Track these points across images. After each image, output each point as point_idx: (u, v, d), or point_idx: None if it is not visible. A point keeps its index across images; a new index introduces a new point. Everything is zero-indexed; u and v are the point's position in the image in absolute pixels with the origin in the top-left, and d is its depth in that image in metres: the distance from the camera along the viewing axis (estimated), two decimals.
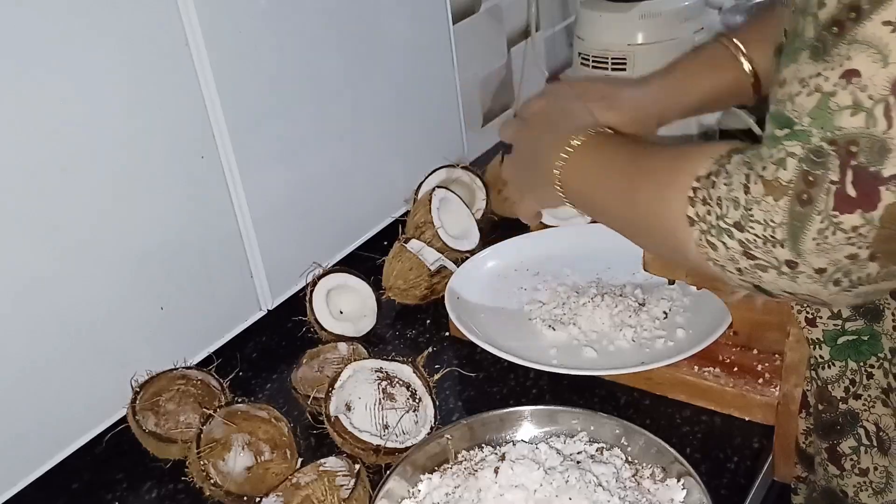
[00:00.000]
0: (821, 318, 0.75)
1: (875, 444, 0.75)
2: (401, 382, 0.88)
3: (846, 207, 0.50)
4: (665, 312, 0.98)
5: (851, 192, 0.50)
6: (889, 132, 0.48)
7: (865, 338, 0.73)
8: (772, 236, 0.53)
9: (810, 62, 0.51)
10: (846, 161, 0.49)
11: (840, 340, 0.75)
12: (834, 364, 0.76)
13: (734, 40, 0.86)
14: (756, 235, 0.54)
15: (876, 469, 0.76)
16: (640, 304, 0.99)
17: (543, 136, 0.82)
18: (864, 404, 0.75)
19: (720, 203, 0.56)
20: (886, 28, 0.48)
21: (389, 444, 0.82)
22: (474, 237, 1.16)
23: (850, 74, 0.48)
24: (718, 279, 0.60)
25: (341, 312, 1.06)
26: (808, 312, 0.76)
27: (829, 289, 0.53)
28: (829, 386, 0.77)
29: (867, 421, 0.75)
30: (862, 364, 0.74)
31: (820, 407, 0.78)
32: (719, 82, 0.87)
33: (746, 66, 0.85)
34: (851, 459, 0.77)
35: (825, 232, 0.51)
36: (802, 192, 0.51)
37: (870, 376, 0.74)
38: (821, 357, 0.76)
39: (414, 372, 0.89)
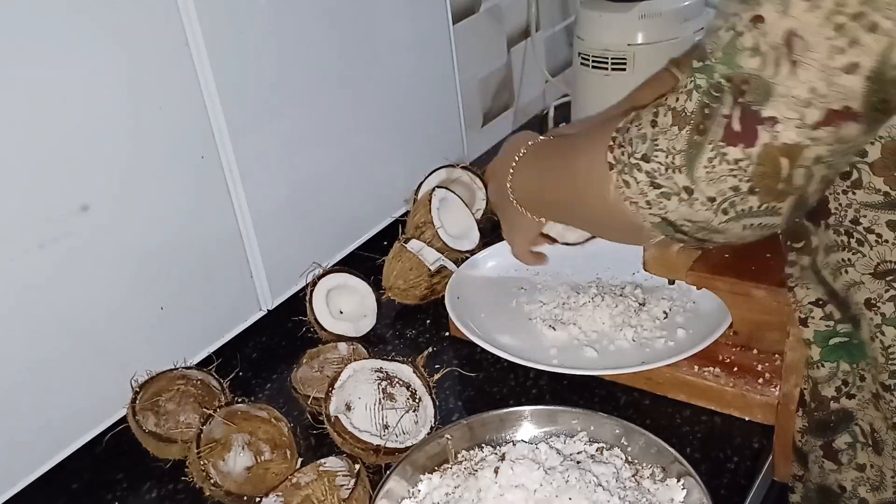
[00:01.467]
0: (813, 318, 0.75)
1: (870, 443, 0.75)
2: (401, 382, 0.88)
3: (731, 140, 0.55)
4: (665, 312, 0.98)
5: (737, 126, 0.54)
6: (774, 78, 0.52)
7: (855, 341, 0.73)
8: (672, 163, 0.58)
9: (735, 1, 0.54)
10: (736, 97, 0.54)
11: (832, 341, 0.75)
12: (824, 365, 0.76)
13: (678, 64, 0.93)
14: (660, 163, 0.59)
15: (871, 467, 0.76)
16: (640, 304, 0.99)
17: (501, 169, 0.90)
18: (858, 404, 0.75)
19: (631, 142, 0.61)
20: None
21: (389, 444, 0.82)
22: (474, 237, 1.16)
23: (757, 19, 0.53)
24: (635, 231, 0.64)
25: (341, 312, 1.06)
26: (801, 312, 0.76)
27: (720, 217, 0.58)
28: (819, 386, 0.77)
29: (862, 420, 0.75)
30: (855, 366, 0.74)
31: (812, 405, 0.78)
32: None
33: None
34: (848, 454, 0.77)
35: (714, 161, 0.56)
36: (700, 122, 0.56)
37: (862, 378, 0.74)
38: (811, 358, 0.77)
39: (414, 372, 0.89)
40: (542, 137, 0.89)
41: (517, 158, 0.86)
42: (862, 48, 0.50)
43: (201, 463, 0.80)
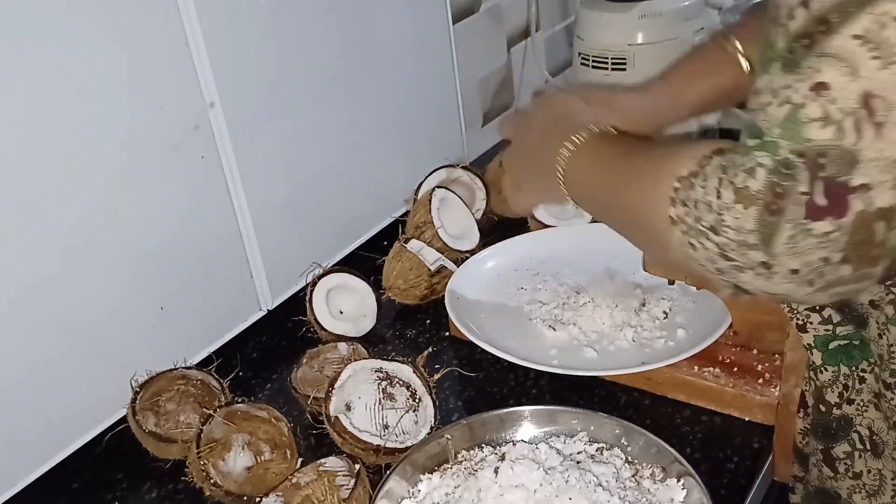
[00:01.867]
0: (811, 323, 0.75)
1: (868, 447, 0.76)
2: (401, 382, 0.88)
3: (816, 215, 0.51)
4: (665, 312, 0.98)
5: (822, 201, 0.50)
6: (858, 144, 0.49)
7: (856, 343, 0.73)
8: (745, 241, 0.54)
9: (781, 73, 0.51)
10: (815, 173, 0.50)
11: (832, 345, 0.75)
12: (827, 369, 0.76)
13: (732, 40, 0.86)
14: (730, 239, 0.54)
15: (869, 472, 0.76)
16: (640, 305, 0.99)
17: (547, 131, 0.82)
18: (857, 409, 0.75)
19: (697, 206, 0.56)
20: (855, 42, 0.48)
21: (389, 444, 0.82)
22: (474, 237, 1.16)
23: (820, 87, 0.49)
24: (705, 278, 0.61)
25: (341, 312, 1.06)
26: (798, 319, 0.76)
27: (804, 289, 0.54)
28: (825, 390, 0.77)
29: (860, 425, 0.75)
30: (854, 369, 0.74)
31: (821, 408, 0.78)
32: (718, 84, 0.87)
33: (745, 66, 0.85)
34: (845, 463, 0.78)
35: (796, 237, 0.52)
36: (771, 202, 0.52)
37: (862, 381, 0.74)
38: (813, 362, 0.77)
39: (414, 372, 0.88)
40: (582, 92, 0.84)
41: (577, 141, 0.76)
42: None
43: (201, 463, 0.80)
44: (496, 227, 1.21)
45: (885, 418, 0.73)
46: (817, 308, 0.74)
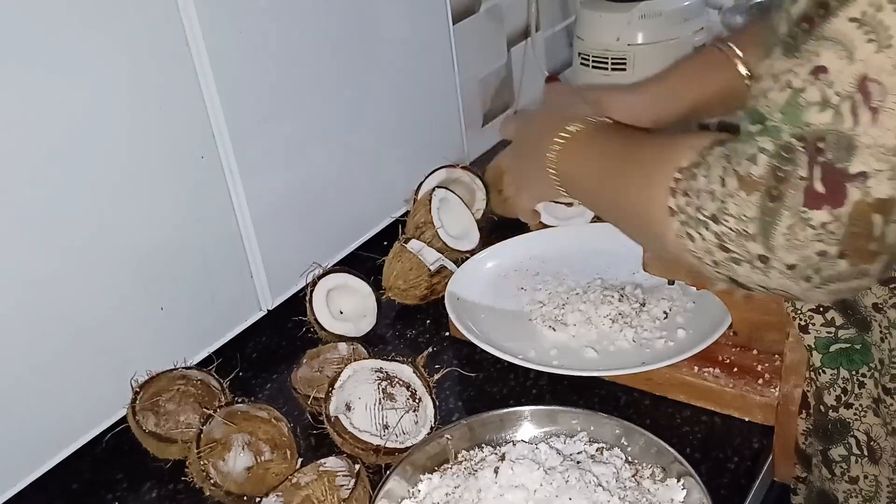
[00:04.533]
0: (813, 325, 0.75)
1: (866, 453, 0.75)
2: (401, 382, 0.88)
3: (815, 203, 0.50)
4: (665, 313, 0.98)
5: (820, 188, 0.50)
6: (855, 129, 0.48)
7: (857, 346, 0.73)
8: (745, 230, 0.53)
9: (782, 58, 0.51)
10: (814, 157, 0.50)
11: (832, 348, 0.75)
12: (825, 371, 0.76)
13: (730, 44, 0.85)
14: (730, 228, 0.54)
15: (866, 478, 0.76)
16: (640, 305, 0.99)
17: (541, 125, 0.82)
18: (855, 413, 0.75)
19: (699, 195, 0.56)
20: (852, 24, 0.48)
21: (389, 444, 0.82)
22: (474, 237, 1.16)
23: (819, 71, 0.49)
24: (699, 272, 0.60)
25: (341, 312, 1.06)
26: (800, 320, 0.76)
27: (801, 285, 0.54)
28: (824, 391, 0.77)
29: (858, 430, 0.75)
30: (854, 373, 0.74)
31: (821, 409, 0.78)
32: (714, 87, 0.86)
33: (743, 70, 0.84)
34: (841, 467, 0.78)
35: (795, 228, 0.51)
36: (773, 187, 0.51)
37: (861, 385, 0.74)
38: (813, 364, 0.77)
39: (414, 372, 0.88)
40: (578, 90, 0.83)
41: (570, 132, 0.76)
42: None
43: (201, 463, 0.80)
44: (496, 227, 1.21)
45: (883, 424, 0.73)
46: (820, 309, 0.74)
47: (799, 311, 0.76)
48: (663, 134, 0.71)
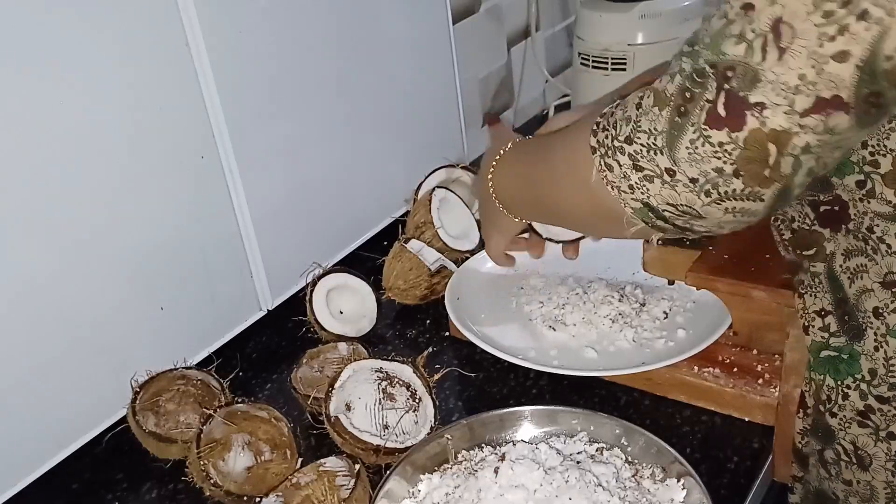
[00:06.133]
0: (812, 327, 0.76)
1: (854, 461, 0.76)
2: (401, 382, 0.88)
3: (716, 124, 0.55)
4: (665, 312, 0.98)
5: (722, 111, 0.54)
6: (762, 64, 0.52)
7: (845, 356, 0.74)
8: (654, 143, 0.58)
9: None
10: (721, 84, 0.54)
11: (822, 354, 0.76)
12: (815, 375, 0.77)
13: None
14: (642, 145, 0.59)
15: (858, 482, 0.76)
16: (640, 305, 0.99)
17: (483, 166, 0.90)
18: (839, 423, 0.76)
19: (616, 125, 0.62)
20: None
21: (389, 444, 0.82)
22: (474, 237, 1.16)
23: (748, 8, 0.53)
24: (615, 219, 0.65)
25: (341, 312, 1.06)
26: (805, 320, 0.76)
27: (702, 199, 0.58)
28: (820, 391, 0.77)
29: (844, 440, 0.76)
30: (840, 383, 0.75)
31: (820, 409, 0.78)
32: None
33: None
34: (835, 468, 0.78)
35: (696, 142, 0.56)
36: (681, 105, 0.56)
37: (845, 397, 0.74)
38: (811, 363, 0.77)
39: (414, 372, 0.89)
40: (527, 137, 0.88)
41: (500, 155, 0.86)
42: (852, 36, 0.50)
43: (201, 463, 0.80)
44: None
45: (872, 433, 0.73)
46: (822, 312, 0.75)
47: (806, 311, 0.76)
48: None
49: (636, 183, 0.61)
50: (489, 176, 0.87)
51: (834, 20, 0.50)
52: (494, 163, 0.86)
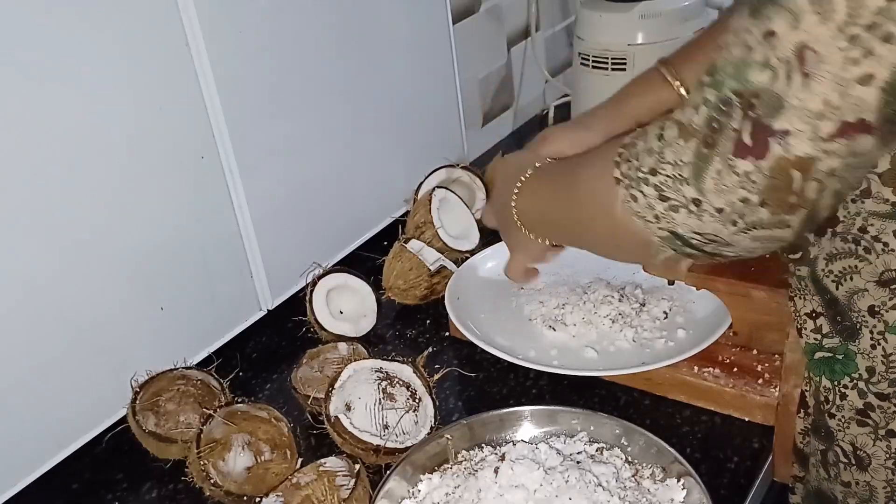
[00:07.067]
0: (805, 329, 0.76)
1: (853, 461, 0.76)
2: (401, 382, 0.88)
3: (741, 153, 0.54)
4: (665, 313, 0.98)
5: (748, 140, 0.54)
6: (787, 91, 0.52)
7: (840, 357, 0.74)
8: (680, 175, 0.58)
9: (748, 17, 0.54)
10: (746, 111, 0.54)
11: (816, 355, 0.76)
12: (812, 377, 0.77)
13: (669, 65, 0.91)
14: (667, 176, 0.59)
15: (857, 483, 0.76)
16: (640, 305, 0.99)
17: (501, 191, 0.90)
18: (838, 424, 0.76)
19: (638, 156, 0.61)
20: None
21: (389, 444, 0.82)
22: (474, 237, 1.16)
23: (769, 35, 0.52)
24: (643, 247, 0.64)
25: (341, 312, 1.06)
26: (797, 322, 0.76)
27: (729, 228, 0.58)
28: (819, 391, 0.77)
29: (843, 441, 0.76)
30: (836, 384, 0.75)
31: (821, 408, 0.78)
32: (651, 105, 0.90)
33: (681, 90, 0.89)
34: (834, 469, 0.78)
35: (722, 173, 0.55)
36: (708, 136, 0.56)
37: (843, 397, 0.74)
38: (809, 364, 0.77)
39: (414, 372, 0.89)
40: (543, 162, 0.88)
41: (523, 179, 0.84)
42: (876, 59, 0.49)
43: (201, 463, 0.80)
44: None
45: (871, 432, 0.73)
46: (813, 314, 0.75)
47: (797, 314, 0.76)
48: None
49: (661, 213, 0.60)
50: (513, 200, 0.86)
51: (858, 43, 0.49)
52: (518, 187, 0.85)
